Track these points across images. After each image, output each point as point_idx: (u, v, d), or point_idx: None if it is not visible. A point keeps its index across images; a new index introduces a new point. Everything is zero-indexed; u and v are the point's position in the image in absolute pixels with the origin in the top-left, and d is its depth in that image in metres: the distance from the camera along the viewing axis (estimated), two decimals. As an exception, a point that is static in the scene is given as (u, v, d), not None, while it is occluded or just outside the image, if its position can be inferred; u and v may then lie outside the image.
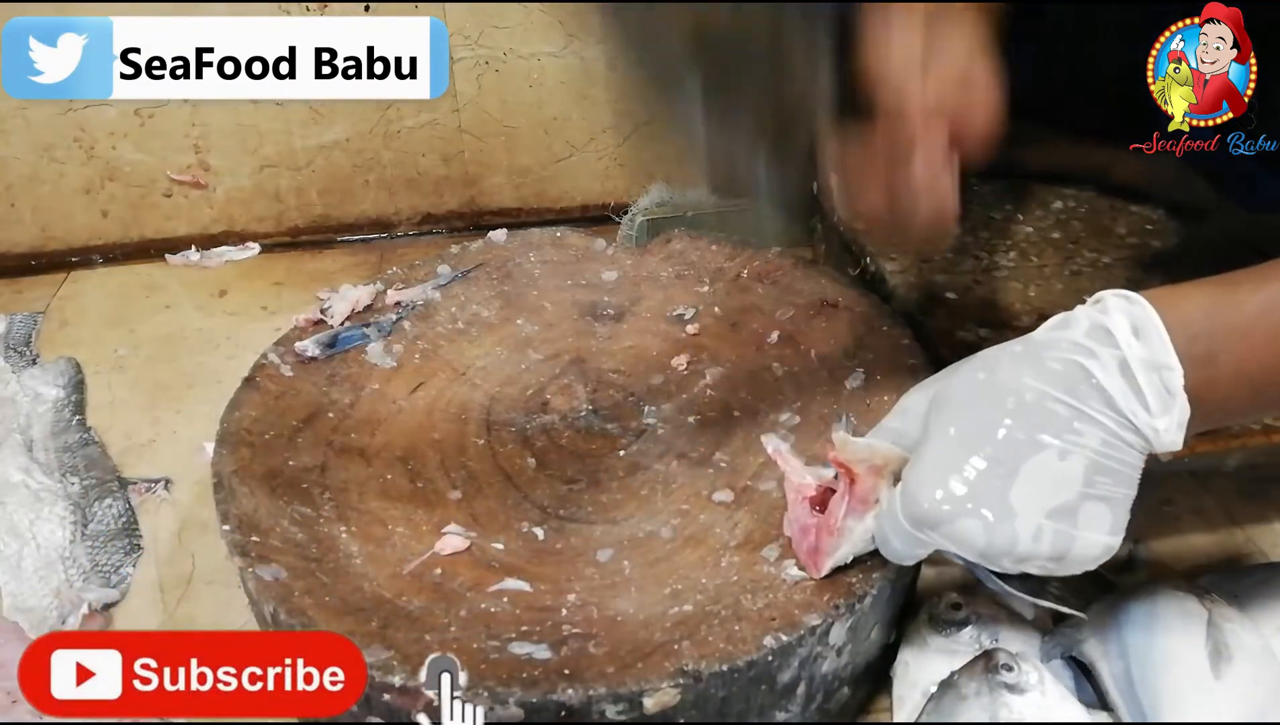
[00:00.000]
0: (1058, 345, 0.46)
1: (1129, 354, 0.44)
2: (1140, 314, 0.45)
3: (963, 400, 0.47)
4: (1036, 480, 0.44)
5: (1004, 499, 0.45)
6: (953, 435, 0.46)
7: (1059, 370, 0.45)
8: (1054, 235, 0.89)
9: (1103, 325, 0.45)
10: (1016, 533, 0.45)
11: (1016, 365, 0.46)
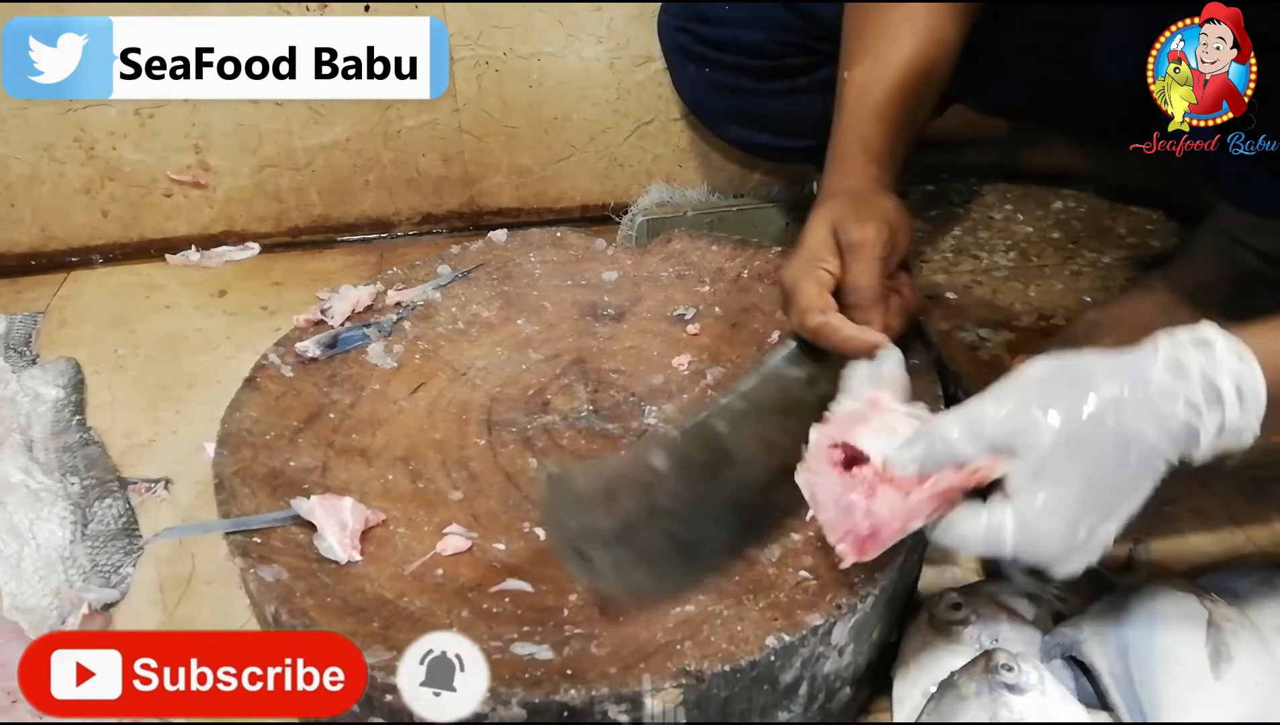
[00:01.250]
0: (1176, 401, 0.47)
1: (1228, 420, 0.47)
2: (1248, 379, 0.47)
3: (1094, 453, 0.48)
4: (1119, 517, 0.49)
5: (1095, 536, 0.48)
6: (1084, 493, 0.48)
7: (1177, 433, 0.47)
8: (1054, 235, 0.89)
9: (1214, 384, 0.47)
10: (1088, 554, 0.49)
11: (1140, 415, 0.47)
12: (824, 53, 0.92)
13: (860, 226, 0.63)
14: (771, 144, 1.01)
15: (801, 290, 0.62)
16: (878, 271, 0.63)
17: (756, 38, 0.92)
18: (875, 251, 0.63)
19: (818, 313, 0.61)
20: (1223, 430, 0.47)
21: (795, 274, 0.63)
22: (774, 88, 0.94)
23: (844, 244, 0.63)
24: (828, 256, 0.63)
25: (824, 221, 0.65)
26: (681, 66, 0.99)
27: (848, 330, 0.60)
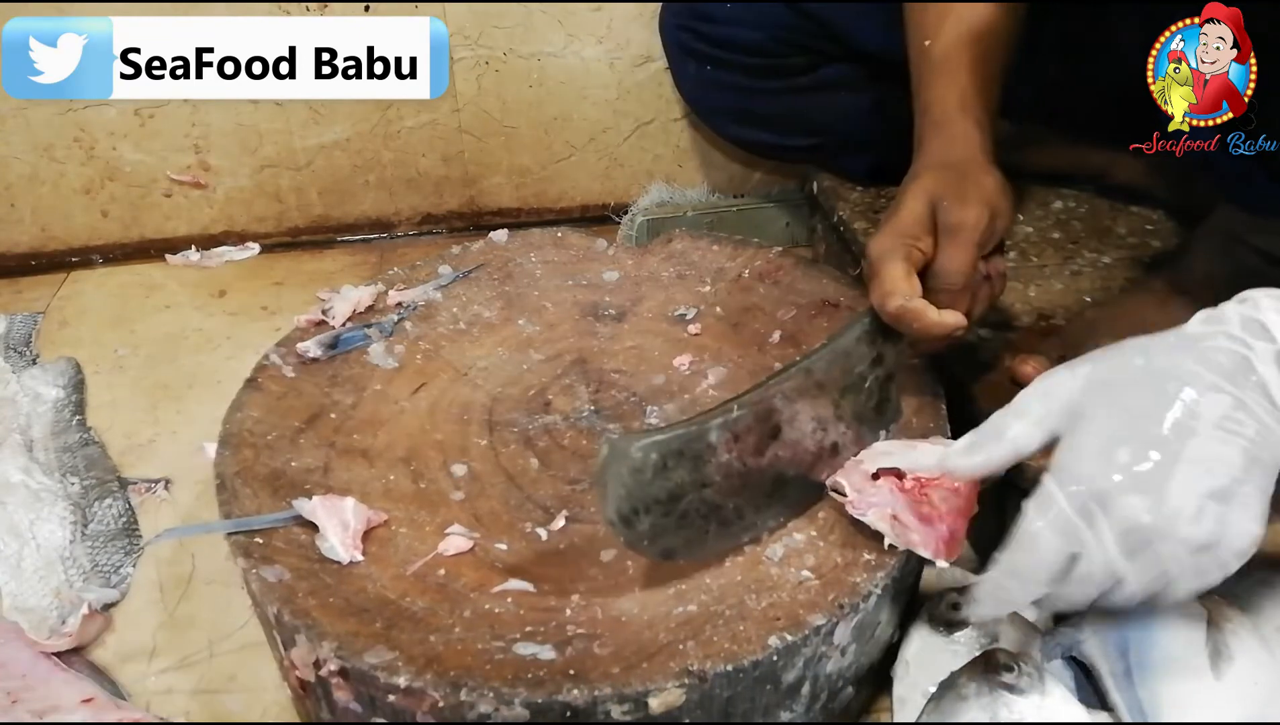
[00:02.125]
0: (1214, 337, 0.47)
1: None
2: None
3: (1124, 385, 0.47)
4: (1199, 463, 0.45)
5: (1168, 479, 0.45)
6: (1118, 417, 0.46)
7: (1223, 361, 0.46)
8: (1054, 235, 0.89)
9: (1256, 320, 0.46)
10: (1179, 511, 0.45)
11: (1175, 353, 0.47)
12: (825, 52, 0.92)
13: (961, 207, 0.60)
14: (772, 142, 1.02)
15: (888, 269, 0.59)
16: (973, 258, 0.60)
17: (758, 36, 0.92)
18: (973, 236, 0.60)
19: (900, 297, 0.58)
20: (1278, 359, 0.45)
21: (884, 249, 0.60)
22: (775, 86, 0.95)
23: (941, 224, 0.60)
24: (921, 234, 0.60)
25: (923, 195, 0.61)
26: (682, 65, 0.99)
27: (931, 316, 0.57)
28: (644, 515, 0.53)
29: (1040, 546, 0.47)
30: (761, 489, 0.58)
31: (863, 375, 0.61)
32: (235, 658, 0.68)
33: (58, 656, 0.66)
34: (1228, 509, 0.45)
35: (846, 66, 0.93)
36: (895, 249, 0.59)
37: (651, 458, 0.53)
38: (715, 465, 0.55)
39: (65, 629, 0.67)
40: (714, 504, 0.56)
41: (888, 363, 0.62)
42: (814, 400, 0.59)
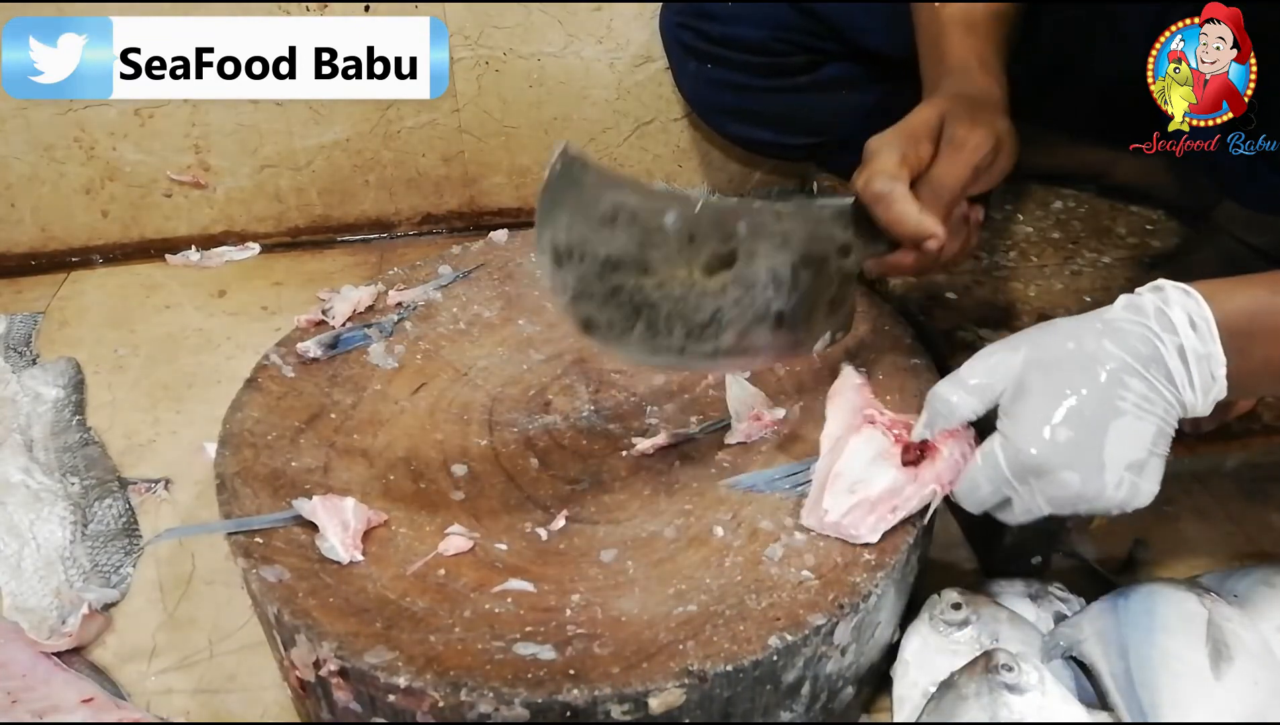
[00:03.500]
0: (1134, 325, 0.52)
1: (1186, 344, 0.51)
2: (1196, 309, 0.51)
3: (1058, 365, 0.52)
4: (1121, 438, 0.51)
5: (1099, 454, 0.51)
6: (1053, 396, 0.52)
7: (1140, 348, 0.51)
8: (1054, 235, 0.89)
9: (1166, 313, 0.52)
10: (1105, 482, 0.51)
11: (1102, 339, 0.52)
12: (826, 51, 0.92)
13: (969, 127, 0.60)
14: (772, 141, 1.02)
15: (881, 156, 0.59)
16: (965, 177, 0.60)
17: (759, 34, 0.92)
18: (974, 157, 0.59)
19: (887, 177, 0.57)
20: (1184, 354, 0.51)
21: (883, 141, 0.60)
22: (776, 85, 0.95)
23: (946, 136, 0.60)
24: (923, 139, 0.60)
25: (935, 108, 0.61)
26: (683, 63, 0.99)
27: (909, 206, 0.57)
28: (576, 262, 0.50)
29: (978, 493, 0.55)
30: (699, 315, 0.55)
31: (825, 256, 0.59)
32: (235, 658, 0.68)
33: (58, 656, 0.66)
34: (1140, 478, 0.52)
35: (848, 65, 0.93)
36: (893, 143, 0.60)
37: (604, 198, 0.49)
38: (662, 255, 0.52)
39: (65, 629, 0.67)
40: (648, 300, 0.53)
41: (853, 258, 0.60)
42: (775, 250, 0.56)
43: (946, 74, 0.66)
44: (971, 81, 0.65)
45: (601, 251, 0.50)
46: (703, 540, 0.58)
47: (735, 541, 0.58)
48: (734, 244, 0.55)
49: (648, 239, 0.51)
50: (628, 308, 0.53)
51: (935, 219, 0.58)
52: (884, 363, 0.71)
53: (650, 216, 0.51)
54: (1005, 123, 0.62)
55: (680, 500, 0.62)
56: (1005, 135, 0.62)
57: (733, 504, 0.61)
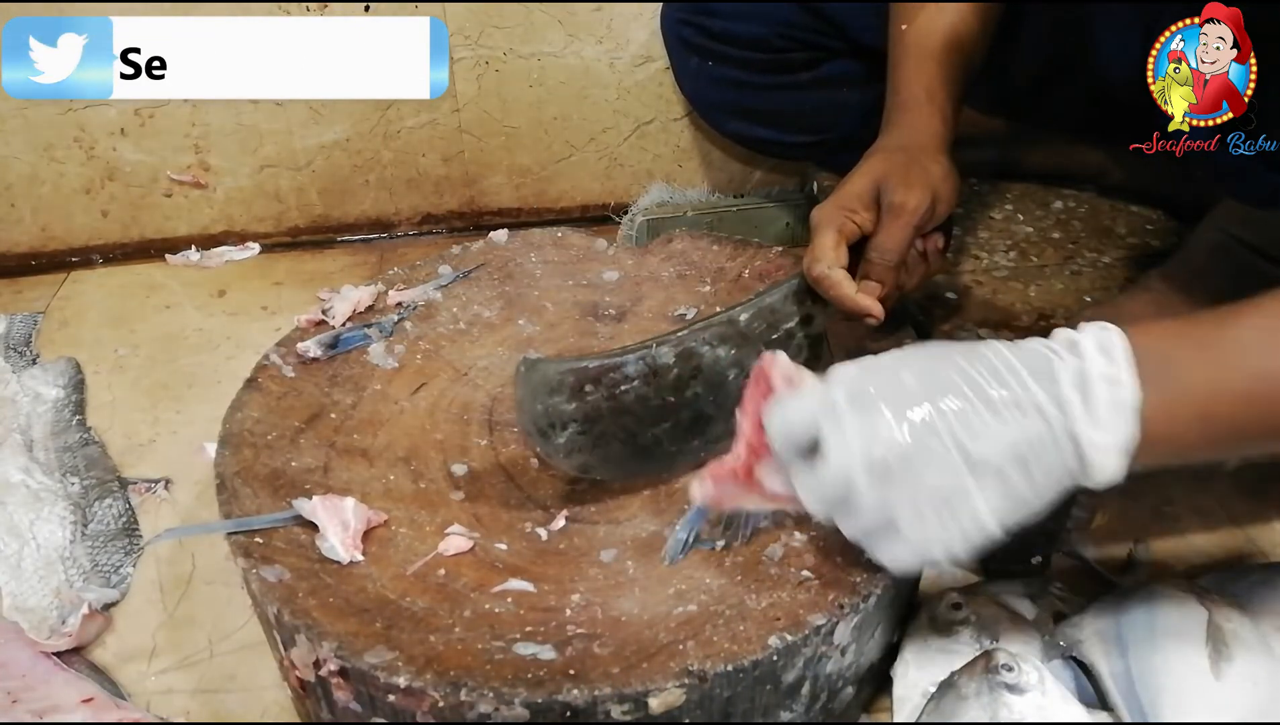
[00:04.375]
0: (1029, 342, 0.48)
1: (1089, 366, 0.45)
2: (1109, 337, 0.46)
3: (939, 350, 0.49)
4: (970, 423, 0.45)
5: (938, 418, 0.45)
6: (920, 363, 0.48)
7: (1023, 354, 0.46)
8: (1054, 235, 0.89)
9: (1073, 339, 0.47)
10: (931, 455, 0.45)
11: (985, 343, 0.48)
12: (828, 48, 0.92)
13: (904, 190, 0.64)
14: (772, 139, 1.01)
15: (820, 237, 0.63)
16: (907, 239, 0.64)
17: (760, 31, 0.92)
18: (911, 220, 0.64)
19: (824, 264, 0.62)
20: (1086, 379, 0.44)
21: (822, 217, 0.65)
22: (776, 82, 0.95)
23: (884, 203, 0.64)
24: (860, 209, 0.64)
25: (870, 174, 0.65)
26: (683, 60, 0.99)
27: (846, 288, 0.62)
28: (559, 430, 0.58)
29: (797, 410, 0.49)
30: (681, 424, 0.62)
31: (790, 332, 0.65)
32: (235, 658, 0.68)
33: (58, 656, 0.66)
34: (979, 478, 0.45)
35: (848, 63, 0.93)
36: (832, 218, 0.64)
37: (568, 381, 0.58)
38: (633, 396, 0.60)
39: (65, 629, 0.67)
40: (630, 431, 0.60)
41: (817, 324, 0.66)
42: (738, 348, 0.62)
43: (897, 109, 0.72)
44: (913, 123, 0.70)
45: (579, 415, 0.59)
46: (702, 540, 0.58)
47: (735, 541, 0.58)
48: (696, 362, 0.61)
49: (614, 391, 0.59)
50: (614, 444, 0.60)
51: (872, 299, 0.63)
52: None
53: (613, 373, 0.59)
54: (941, 167, 0.67)
55: (680, 500, 0.62)
56: (941, 182, 0.66)
57: (733, 504, 0.61)
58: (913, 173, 0.65)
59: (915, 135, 0.69)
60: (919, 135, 0.69)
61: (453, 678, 0.49)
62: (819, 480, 0.48)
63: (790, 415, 0.49)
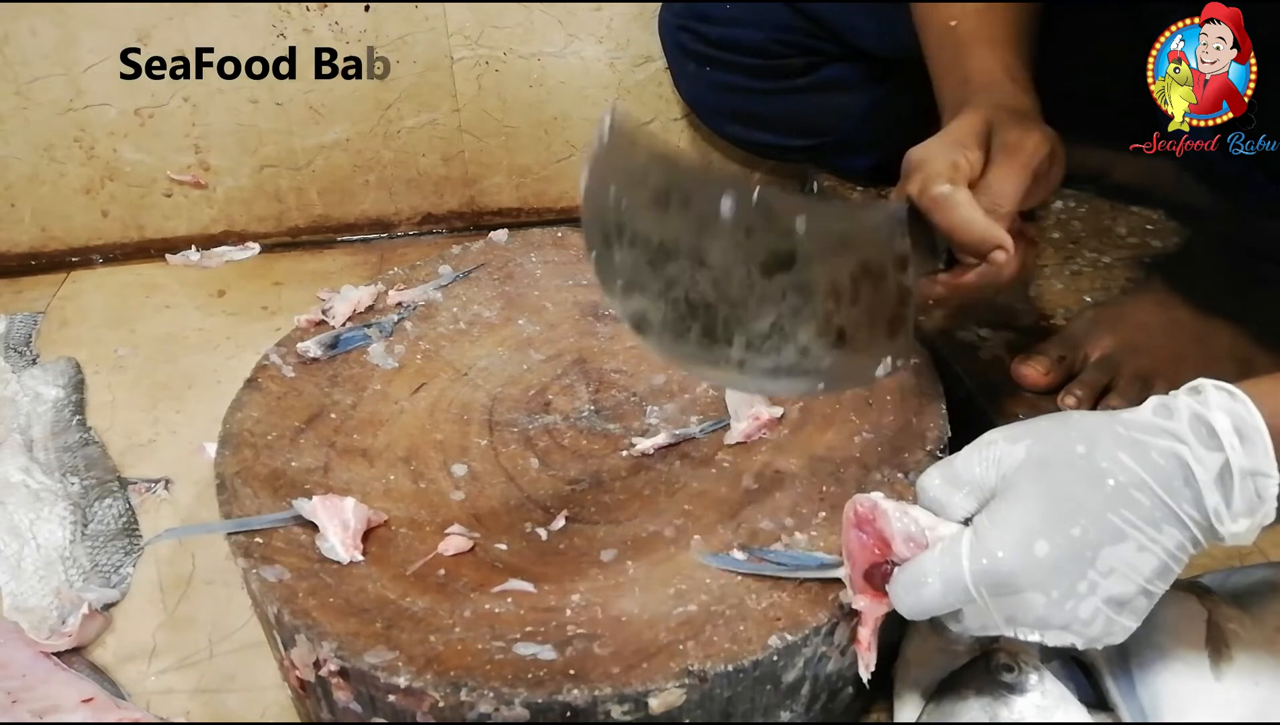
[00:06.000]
0: (1160, 435, 0.44)
1: (1232, 459, 0.43)
2: (1243, 414, 0.43)
3: (1059, 471, 0.45)
4: (1110, 568, 0.44)
5: (1078, 581, 0.44)
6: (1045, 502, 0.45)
7: (1160, 463, 0.44)
8: (1054, 235, 0.89)
9: (1205, 420, 0.44)
10: (1077, 614, 0.45)
11: (1117, 446, 0.44)
12: (825, 53, 0.92)
13: (1021, 130, 0.55)
14: (771, 143, 1.02)
15: (933, 160, 0.53)
16: (1024, 183, 0.54)
17: (758, 37, 0.92)
18: (1033, 161, 0.55)
19: (945, 181, 0.52)
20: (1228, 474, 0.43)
21: (928, 148, 0.54)
22: (774, 87, 0.95)
23: (999, 142, 0.55)
24: (972, 145, 0.55)
25: (979, 113, 0.56)
26: (682, 65, 0.99)
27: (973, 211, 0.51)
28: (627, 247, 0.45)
29: (927, 594, 0.47)
30: (758, 323, 0.49)
31: (884, 267, 0.52)
32: (235, 658, 0.68)
33: (58, 656, 0.66)
34: (1120, 614, 0.45)
35: (846, 67, 0.93)
36: (943, 149, 0.54)
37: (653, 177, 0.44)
38: (719, 247, 0.46)
39: (65, 629, 0.67)
40: (705, 300, 0.47)
41: (909, 274, 0.53)
42: (834, 255, 0.50)
43: (975, 91, 0.62)
44: (1005, 95, 0.61)
45: (655, 236, 0.45)
46: (703, 540, 0.58)
47: (735, 541, 0.58)
48: (791, 242, 0.49)
49: (703, 226, 0.46)
50: (683, 306, 0.48)
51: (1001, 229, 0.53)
52: (884, 363, 0.71)
53: (705, 201, 0.46)
54: (1052, 131, 0.59)
55: (680, 500, 0.62)
56: (1056, 142, 0.58)
57: (734, 503, 0.61)
58: (1026, 120, 0.57)
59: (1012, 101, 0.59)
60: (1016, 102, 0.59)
61: (453, 678, 0.49)
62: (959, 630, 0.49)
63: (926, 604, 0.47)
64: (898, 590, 0.49)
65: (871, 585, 0.50)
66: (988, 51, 0.64)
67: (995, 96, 0.60)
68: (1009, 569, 0.44)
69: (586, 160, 0.45)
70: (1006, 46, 0.64)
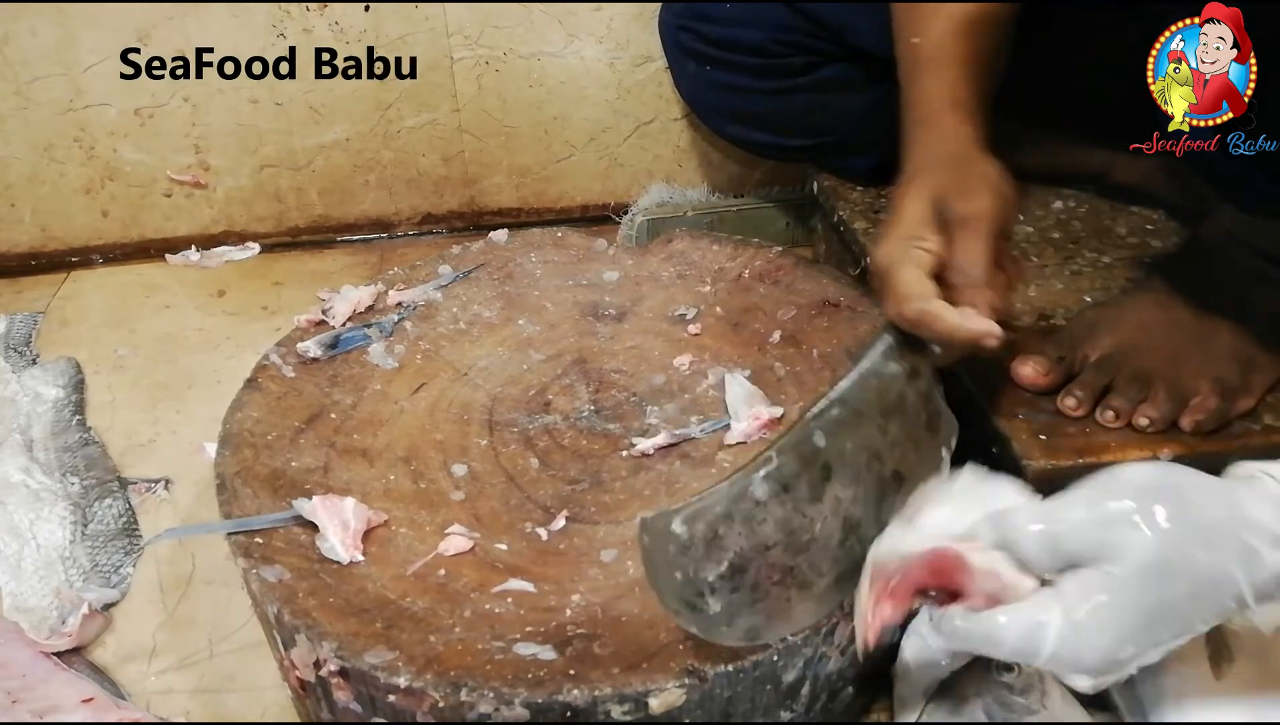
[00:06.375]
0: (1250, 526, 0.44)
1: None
2: None
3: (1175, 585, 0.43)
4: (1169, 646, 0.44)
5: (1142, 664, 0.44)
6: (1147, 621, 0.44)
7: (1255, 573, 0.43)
8: (1054, 235, 0.89)
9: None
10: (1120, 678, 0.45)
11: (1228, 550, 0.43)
12: (825, 52, 0.92)
13: (968, 199, 0.57)
14: (771, 143, 1.01)
15: (899, 275, 0.56)
16: (990, 248, 0.57)
17: (758, 36, 0.92)
18: (988, 226, 0.57)
19: (917, 300, 0.54)
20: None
21: (890, 256, 0.57)
22: (774, 86, 0.95)
23: (952, 219, 0.57)
24: (927, 234, 0.57)
25: (923, 194, 0.58)
26: (682, 64, 0.99)
27: (951, 318, 0.54)
28: (710, 597, 0.49)
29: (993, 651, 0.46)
30: (833, 538, 0.52)
31: (901, 394, 0.56)
32: (235, 658, 0.68)
33: (58, 656, 0.66)
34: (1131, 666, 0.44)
35: (846, 67, 0.93)
36: (903, 253, 0.57)
37: (698, 529, 0.49)
38: (772, 523, 0.50)
39: (65, 629, 0.67)
40: (785, 566, 0.51)
41: (924, 375, 0.57)
42: (857, 429, 0.54)
43: (917, 125, 0.65)
44: (943, 135, 0.63)
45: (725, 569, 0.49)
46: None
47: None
48: (823, 458, 0.52)
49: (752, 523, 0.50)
50: (773, 589, 0.51)
51: (979, 316, 0.55)
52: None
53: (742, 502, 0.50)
54: (994, 168, 0.60)
55: (680, 500, 0.62)
56: (1002, 182, 0.60)
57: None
58: (969, 179, 0.59)
59: (948, 144, 0.62)
60: (952, 143, 0.62)
61: (453, 678, 0.49)
62: None
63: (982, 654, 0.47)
64: (956, 631, 0.46)
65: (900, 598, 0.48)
66: (936, 75, 0.66)
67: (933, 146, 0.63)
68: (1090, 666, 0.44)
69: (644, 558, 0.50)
70: (958, 65, 0.65)
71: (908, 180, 0.61)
